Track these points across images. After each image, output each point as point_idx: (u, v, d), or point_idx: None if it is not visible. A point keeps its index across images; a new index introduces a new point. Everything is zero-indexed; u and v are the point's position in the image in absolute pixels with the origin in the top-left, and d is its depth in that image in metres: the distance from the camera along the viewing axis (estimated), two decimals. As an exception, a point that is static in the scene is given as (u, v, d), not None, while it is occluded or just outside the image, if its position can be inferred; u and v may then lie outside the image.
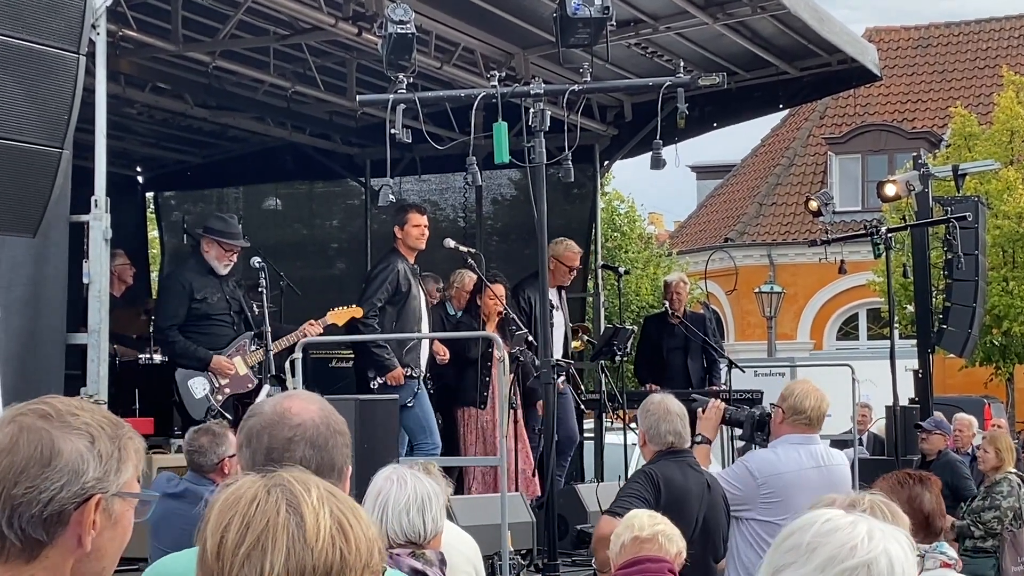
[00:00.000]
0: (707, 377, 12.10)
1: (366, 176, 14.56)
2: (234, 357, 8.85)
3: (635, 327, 12.44)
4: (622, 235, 29.82)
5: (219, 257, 9.06)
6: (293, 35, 11.00)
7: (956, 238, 12.06)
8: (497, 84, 7.66)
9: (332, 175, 14.94)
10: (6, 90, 5.65)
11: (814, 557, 1.88)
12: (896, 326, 13.01)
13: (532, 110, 7.50)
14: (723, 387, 11.63)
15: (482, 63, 11.54)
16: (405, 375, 9.24)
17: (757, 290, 26.89)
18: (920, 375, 12.24)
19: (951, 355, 14.86)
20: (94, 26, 6.67)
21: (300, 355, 8.24)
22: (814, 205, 12.27)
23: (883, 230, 11.23)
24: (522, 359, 9.75)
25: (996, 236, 22.32)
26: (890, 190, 12.86)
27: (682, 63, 8.24)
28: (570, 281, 11.18)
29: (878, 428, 13.86)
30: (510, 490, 8.44)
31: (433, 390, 9.96)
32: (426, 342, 9.65)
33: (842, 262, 12.66)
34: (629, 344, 11.20)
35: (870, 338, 30.82)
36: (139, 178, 15.53)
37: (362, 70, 12.11)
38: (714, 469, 6.42)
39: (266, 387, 8.54)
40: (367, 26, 10.01)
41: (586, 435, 13.07)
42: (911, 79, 33.18)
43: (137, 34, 10.37)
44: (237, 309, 8.98)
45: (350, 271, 14.83)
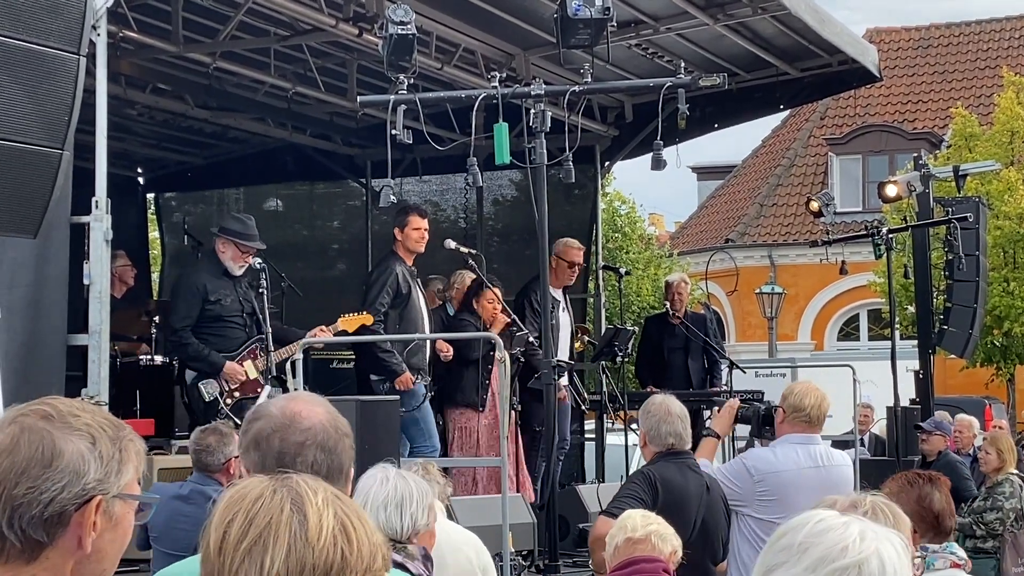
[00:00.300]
0: (708, 378, 12.09)
1: (367, 177, 14.55)
2: (244, 362, 8.82)
3: (636, 328, 12.43)
4: (623, 236, 29.81)
5: (235, 258, 9.04)
6: (294, 36, 11.00)
7: (957, 239, 12.06)
8: (498, 85, 7.67)
9: (333, 176, 14.94)
10: (6, 91, 5.65)
11: (805, 557, 1.88)
12: (897, 327, 13.00)
13: (533, 111, 7.50)
14: (724, 388, 11.63)
15: (483, 64, 11.54)
16: (413, 380, 9.21)
17: (758, 291, 26.89)
18: (921, 376, 12.23)
19: (952, 356, 14.86)
20: (94, 27, 6.67)
21: (301, 356, 8.24)
22: (815, 206, 12.27)
23: (884, 231, 11.22)
24: (523, 360, 9.74)
25: (997, 237, 22.32)
26: (891, 191, 12.86)
27: (683, 64, 8.25)
28: (573, 279, 11.02)
29: (879, 429, 13.86)
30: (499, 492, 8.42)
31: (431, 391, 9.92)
32: (428, 344, 9.63)
33: (843, 263, 12.66)
34: (630, 345, 11.19)
35: (871, 339, 30.82)
36: (140, 179, 15.53)
37: (363, 71, 12.11)
38: (714, 467, 6.43)
39: (267, 388, 8.54)
40: (368, 27, 10.00)
41: (587, 436, 13.08)
42: (912, 80, 33.18)
43: (138, 35, 10.36)
44: (249, 311, 8.96)
45: (351, 272, 14.82)
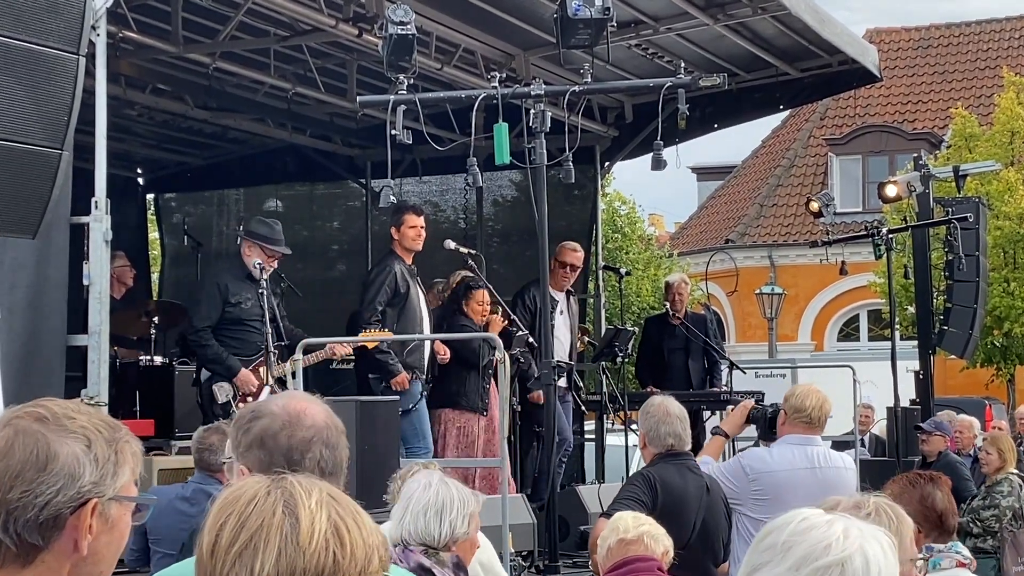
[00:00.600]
0: (708, 378, 12.09)
1: (367, 177, 14.55)
2: (260, 368, 8.81)
3: (636, 328, 12.43)
4: (623, 236, 29.80)
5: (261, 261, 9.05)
6: (293, 36, 11.00)
7: (957, 239, 12.05)
8: (498, 85, 7.66)
9: (333, 176, 14.94)
10: (6, 91, 5.65)
11: (789, 556, 1.87)
12: (897, 327, 13.00)
13: (533, 111, 7.49)
14: (724, 388, 11.63)
15: (483, 64, 11.53)
16: (409, 379, 9.21)
17: (758, 291, 26.88)
18: (921, 376, 12.22)
19: (952, 356, 14.85)
20: (94, 27, 6.66)
21: (300, 356, 8.23)
22: (815, 206, 12.27)
23: (884, 231, 11.21)
24: (522, 360, 9.73)
25: (997, 237, 22.31)
26: (891, 191, 12.86)
27: (683, 64, 8.23)
28: (570, 280, 10.95)
29: (879, 429, 13.86)
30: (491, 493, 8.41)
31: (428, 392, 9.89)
32: (427, 343, 9.63)
33: (843, 263, 12.65)
34: (630, 345, 11.18)
35: (871, 339, 30.82)
36: (139, 180, 15.52)
37: (362, 71, 12.11)
38: (713, 466, 6.42)
39: (266, 388, 8.54)
40: (367, 27, 10.00)
41: (587, 436, 13.07)
42: (912, 80, 33.18)
43: (137, 35, 10.36)
44: (271, 316, 8.97)
45: (351, 273, 14.82)
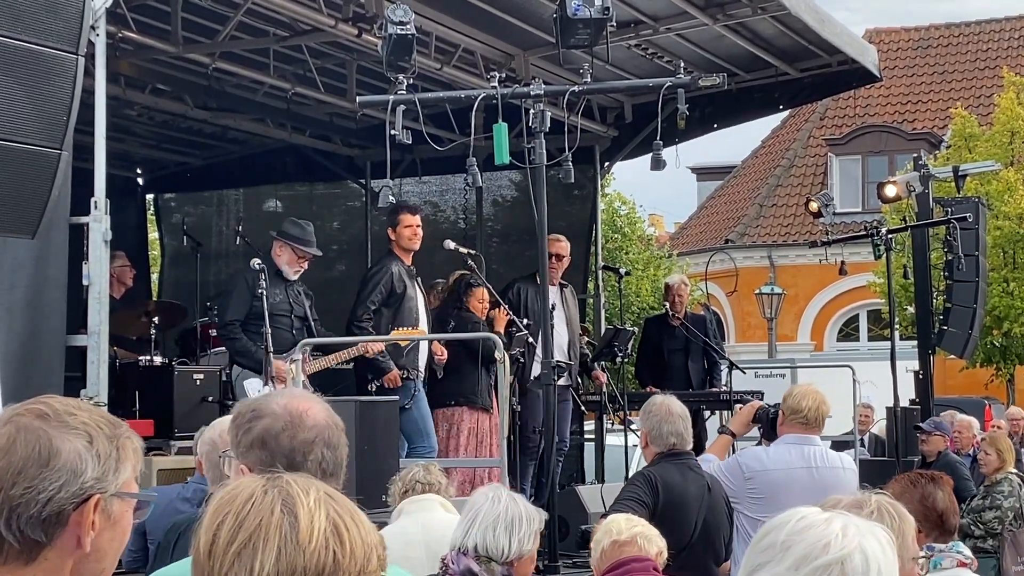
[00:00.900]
0: (708, 378, 12.08)
1: (366, 177, 14.55)
2: (293, 364, 8.80)
3: (636, 328, 12.42)
4: (623, 236, 29.81)
5: (290, 262, 9.05)
6: (293, 36, 11.00)
7: (956, 239, 12.05)
8: (497, 85, 7.65)
9: (332, 177, 14.93)
10: (5, 91, 5.65)
11: (788, 555, 1.87)
12: (897, 327, 12.99)
13: (532, 111, 7.48)
14: (724, 388, 11.62)
15: (482, 64, 11.54)
16: (402, 377, 9.22)
17: (757, 291, 26.87)
18: (921, 376, 12.22)
19: (952, 356, 14.85)
20: (93, 27, 6.67)
21: (300, 356, 8.23)
22: (814, 206, 12.26)
23: (883, 231, 11.20)
24: (522, 361, 9.72)
25: (996, 237, 22.32)
26: (890, 191, 12.86)
27: (682, 64, 8.22)
28: (559, 272, 10.63)
29: (879, 429, 13.86)
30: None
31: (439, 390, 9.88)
32: (425, 344, 9.63)
33: (842, 263, 12.65)
34: (630, 345, 11.17)
35: (871, 339, 30.82)
36: (139, 180, 15.51)
37: (362, 71, 12.11)
38: (715, 464, 6.44)
39: (255, 380, 8.56)
40: (367, 27, 10.00)
41: (586, 436, 13.07)
42: (911, 80, 33.19)
43: (137, 35, 10.35)
44: (301, 315, 8.93)
45: (350, 273, 14.81)
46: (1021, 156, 24.83)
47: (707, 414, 12.03)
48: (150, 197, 16.28)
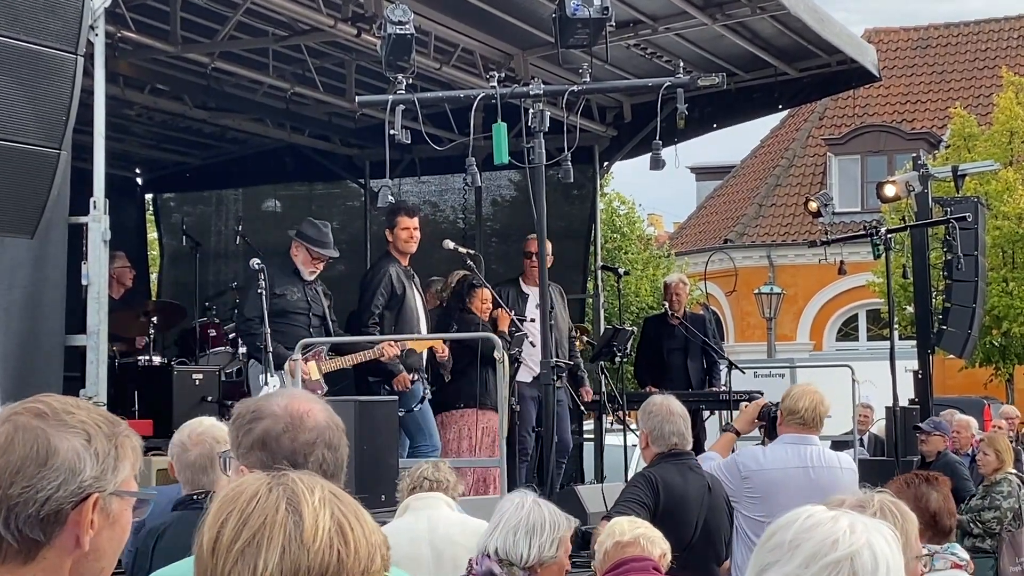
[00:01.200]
0: (707, 378, 12.09)
1: (366, 177, 14.54)
2: (309, 362, 8.79)
3: (635, 328, 12.42)
4: (622, 236, 29.82)
5: (305, 263, 9.05)
6: (292, 36, 10.99)
7: (956, 239, 12.05)
8: (496, 85, 7.65)
9: (331, 176, 14.93)
10: (4, 91, 5.65)
11: (797, 554, 1.87)
12: (896, 327, 13.00)
13: (531, 111, 7.48)
14: (723, 388, 11.62)
15: (481, 64, 11.53)
16: (412, 380, 9.21)
17: (757, 291, 26.88)
18: (920, 376, 12.22)
19: (951, 356, 14.84)
20: (92, 27, 6.66)
21: (300, 356, 8.22)
22: (813, 206, 12.26)
23: (882, 231, 11.20)
24: (521, 360, 9.72)
25: (996, 237, 22.32)
26: (889, 191, 12.86)
27: (681, 64, 8.22)
28: (532, 269, 10.45)
29: (878, 429, 13.84)
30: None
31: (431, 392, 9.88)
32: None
33: (842, 263, 12.65)
34: (629, 345, 11.16)
35: (870, 339, 30.81)
36: (138, 180, 15.51)
37: (361, 71, 12.10)
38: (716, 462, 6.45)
39: (266, 386, 8.54)
40: (366, 27, 10.00)
41: (586, 436, 13.06)
42: (910, 80, 33.19)
43: (136, 35, 10.35)
44: (319, 314, 8.91)
45: (349, 272, 14.78)
46: (1020, 156, 24.83)
47: (706, 414, 12.03)
48: (149, 197, 16.28)
